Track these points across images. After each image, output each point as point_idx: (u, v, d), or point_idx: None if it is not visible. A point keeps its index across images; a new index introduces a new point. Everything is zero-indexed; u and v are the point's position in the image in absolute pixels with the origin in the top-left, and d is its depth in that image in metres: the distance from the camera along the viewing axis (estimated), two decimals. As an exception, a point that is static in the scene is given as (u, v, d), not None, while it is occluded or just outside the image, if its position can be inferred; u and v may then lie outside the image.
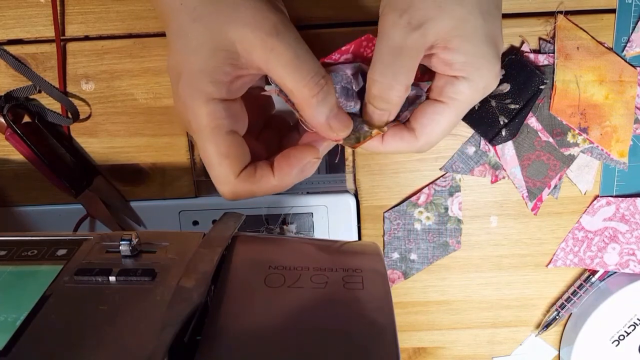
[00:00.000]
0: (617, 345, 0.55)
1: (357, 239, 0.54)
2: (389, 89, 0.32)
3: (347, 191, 0.53)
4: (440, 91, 0.34)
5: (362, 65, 0.35)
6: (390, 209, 0.53)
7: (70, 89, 0.48)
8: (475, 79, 0.33)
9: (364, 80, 0.35)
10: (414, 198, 0.53)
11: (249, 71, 0.31)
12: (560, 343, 0.59)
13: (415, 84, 0.35)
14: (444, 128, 0.35)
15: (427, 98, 0.35)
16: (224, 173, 0.32)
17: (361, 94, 0.35)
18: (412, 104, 0.36)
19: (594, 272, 0.55)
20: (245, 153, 0.33)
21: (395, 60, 0.32)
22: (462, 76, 0.32)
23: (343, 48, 0.35)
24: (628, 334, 0.55)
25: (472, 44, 0.32)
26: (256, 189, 0.33)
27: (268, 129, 0.39)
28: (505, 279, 0.56)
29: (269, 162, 0.34)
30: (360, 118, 0.36)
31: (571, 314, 0.57)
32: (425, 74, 0.37)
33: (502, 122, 0.49)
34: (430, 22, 0.31)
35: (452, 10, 0.31)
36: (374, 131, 0.35)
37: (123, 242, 0.29)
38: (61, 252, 0.30)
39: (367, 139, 0.35)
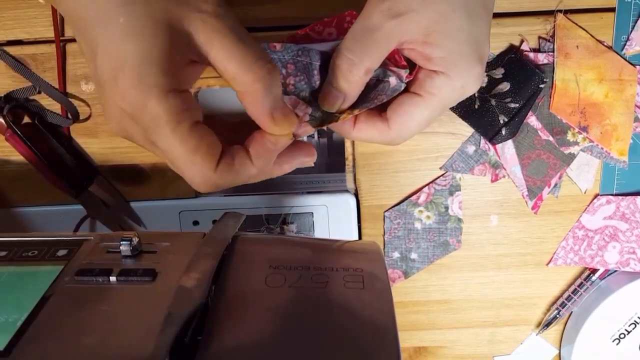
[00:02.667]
0: (617, 344, 0.55)
1: (357, 238, 0.54)
2: (350, 66, 0.31)
3: (347, 191, 0.53)
4: (419, 85, 0.33)
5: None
6: (391, 208, 0.53)
7: (70, 89, 0.48)
8: (452, 76, 0.32)
9: None
10: (414, 197, 0.53)
11: (194, 57, 0.28)
12: (561, 342, 0.59)
13: (396, 73, 0.34)
14: (418, 122, 0.34)
15: (407, 91, 0.34)
16: (200, 171, 0.28)
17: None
18: (392, 92, 0.34)
19: (594, 271, 0.55)
20: (215, 142, 0.29)
21: (366, 40, 0.31)
22: (440, 71, 0.32)
23: (326, 20, 0.34)
24: (629, 332, 0.55)
25: (453, 41, 0.31)
26: (236, 180, 0.30)
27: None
28: (506, 278, 0.56)
29: (244, 148, 0.31)
30: None
31: (572, 312, 0.57)
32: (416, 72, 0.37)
33: (502, 121, 0.49)
34: (411, 14, 0.30)
35: (436, 5, 0.30)
36: (342, 115, 0.34)
37: (123, 243, 0.29)
38: (62, 252, 0.30)
39: (332, 122, 0.34)
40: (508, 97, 0.48)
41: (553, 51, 0.47)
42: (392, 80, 0.34)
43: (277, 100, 0.30)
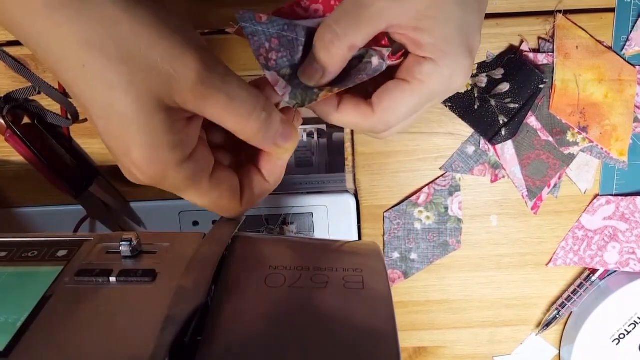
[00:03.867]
0: (617, 344, 0.55)
1: (357, 238, 0.54)
2: (334, 38, 0.31)
3: (347, 191, 0.53)
4: (407, 71, 0.33)
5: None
6: (390, 208, 0.53)
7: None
8: (441, 64, 0.31)
9: None
10: (414, 198, 0.53)
11: (190, 115, 0.29)
12: (560, 342, 0.59)
13: (378, 52, 0.33)
14: (403, 108, 0.33)
15: (394, 77, 0.33)
16: (229, 210, 0.32)
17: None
18: (373, 72, 0.33)
19: (594, 271, 0.55)
20: (235, 181, 0.32)
21: (355, 16, 0.30)
22: (429, 57, 0.31)
23: None
24: (628, 332, 0.55)
25: (444, 28, 0.31)
26: (259, 199, 0.34)
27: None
28: (506, 278, 0.56)
29: (257, 169, 0.33)
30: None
31: (571, 312, 0.57)
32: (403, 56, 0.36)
33: (501, 122, 0.49)
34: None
35: None
36: (322, 93, 0.32)
37: (123, 243, 0.29)
38: (61, 253, 0.30)
39: (312, 100, 0.33)
40: (508, 98, 0.48)
41: (553, 51, 0.48)
42: (375, 60, 0.33)
43: (277, 131, 0.31)
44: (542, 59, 0.48)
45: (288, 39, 0.32)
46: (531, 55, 0.48)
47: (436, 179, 0.52)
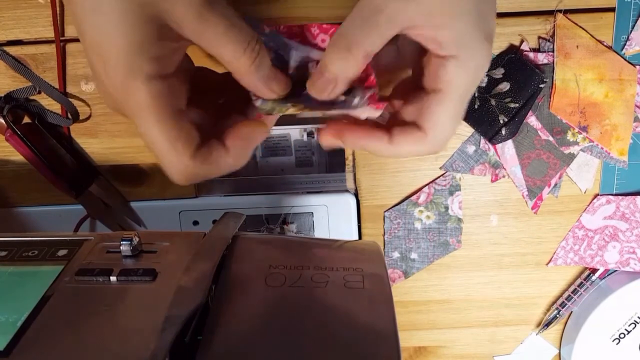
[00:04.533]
0: (617, 344, 0.55)
1: (357, 238, 0.54)
2: (348, 48, 0.30)
3: (347, 190, 0.53)
4: (433, 77, 0.32)
5: (307, 51, 0.34)
6: (391, 208, 0.53)
7: (70, 89, 0.48)
8: (464, 58, 0.31)
9: (303, 63, 0.33)
10: (414, 197, 0.53)
11: (181, 43, 0.29)
12: (561, 341, 0.59)
13: (362, 92, 0.33)
14: (449, 118, 0.33)
15: (427, 90, 0.33)
16: (177, 158, 0.29)
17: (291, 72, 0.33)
18: (347, 108, 0.33)
19: (594, 271, 0.55)
20: (194, 132, 0.30)
21: (367, 22, 0.30)
22: (450, 55, 0.31)
23: (324, 26, 0.33)
24: (629, 332, 0.55)
25: (460, 22, 0.30)
26: (213, 170, 0.31)
27: (195, 88, 0.36)
28: (506, 277, 0.56)
29: (220, 140, 0.32)
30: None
31: (572, 312, 0.57)
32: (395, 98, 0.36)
33: (502, 121, 0.49)
34: None
35: None
36: (292, 109, 0.33)
37: (124, 242, 0.29)
38: (62, 252, 0.30)
39: (281, 113, 0.33)
40: (508, 97, 0.48)
41: (553, 51, 0.47)
42: (356, 100, 0.33)
43: (270, 71, 0.31)
44: (542, 58, 0.48)
45: (280, 59, 0.33)
46: (531, 55, 0.48)
47: (436, 178, 0.52)
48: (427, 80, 0.33)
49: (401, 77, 0.37)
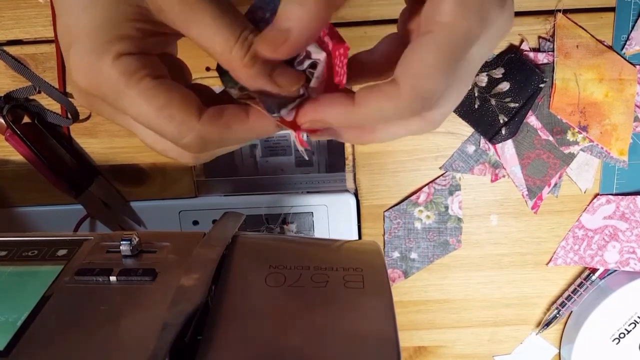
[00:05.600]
0: (617, 344, 0.55)
1: (357, 238, 0.54)
2: None
3: (347, 190, 0.53)
4: (426, 19, 0.24)
5: None
6: (391, 208, 0.53)
7: (70, 89, 0.48)
8: None
9: None
10: (414, 197, 0.53)
11: (163, 29, 0.25)
12: (560, 341, 0.59)
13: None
14: (436, 67, 0.23)
15: (408, 42, 0.25)
16: (180, 123, 0.25)
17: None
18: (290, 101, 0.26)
19: (594, 271, 0.55)
20: (190, 94, 0.25)
21: None
22: None
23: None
24: (628, 332, 0.55)
25: None
26: (228, 135, 0.26)
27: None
28: (506, 277, 0.56)
29: (239, 106, 0.27)
30: None
31: (572, 312, 0.57)
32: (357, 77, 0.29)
33: (501, 121, 0.49)
34: None
35: None
36: (239, 93, 0.27)
37: (123, 242, 0.29)
38: (61, 252, 0.30)
39: (229, 88, 0.27)
40: (508, 97, 0.48)
41: (553, 51, 0.47)
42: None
43: (272, 64, 0.25)
44: (542, 58, 0.48)
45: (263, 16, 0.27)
46: (531, 55, 0.48)
47: (436, 178, 0.52)
48: (416, 27, 0.26)
49: (369, 80, 0.29)
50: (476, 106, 0.49)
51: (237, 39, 0.24)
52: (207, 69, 0.30)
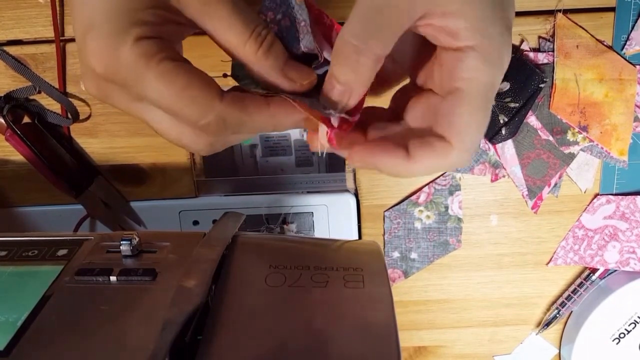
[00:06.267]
0: (617, 344, 0.55)
1: (357, 238, 0.54)
2: (357, 54, 0.26)
3: (347, 190, 0.53)
4: (450, 75, 0.27)
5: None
6: (391, 208, 0.53)
7: (70, 89, 0.48)
8: (485, 48, 0.26)
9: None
10: (414, 197, 0.53)
11: (179, 19, 0.26)
12: (560, 341, 0.59)
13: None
14: (475, 121, 0.27)
15: (432, 92, 0.29)
16: (202, 103, 0.25)
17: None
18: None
19: (594, 271, 0.55)
20: (210, 79, 0.26)
21: (374, 21, 0.26)
22: (468, 46, 0.26)
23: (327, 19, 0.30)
24: (629, 332, 0.55)
25: (476, 6, 0.26)
26: (248, 120, 0.27)
27: None
28: (506, 277, 0.56)
29: (260, 95, 0.28)
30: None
31: (572, 312, 0.57)
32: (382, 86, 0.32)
33: (501, 121, 0.49)
34: None
35: None
36: (261, 90, 0.29)
37: (124, 242, 0.29)
38: (62, 252, 0.30)
39: (252, 89, 0.29)
40: (508, 97, 0.48)
41: (553, 51, 0.47)
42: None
43: (285, 57, 0.28)
44: (542, 58, 0.48)
45: (294, 34, 0.29)
46: (531, 55, 0.48)
47: (436, 178, 0.52)
48: (440, 82, 0.29)
49: (394, 86, 0.33)
50: (476, 106, 0.49)
51: (251, 33, 0.26)
52: (225, 75, 0.31)
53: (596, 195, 0.52)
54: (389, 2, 0.26)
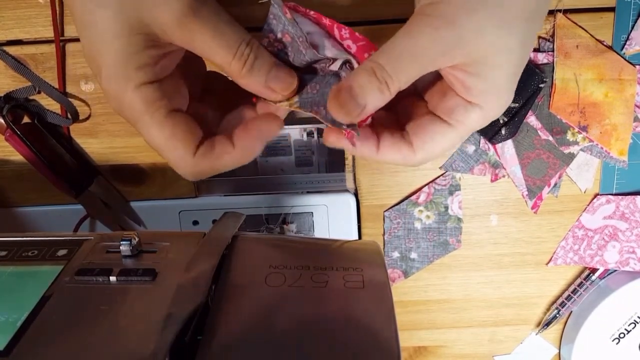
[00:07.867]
0: (617, 344, 0.55)
1: (357, 238, 0.54)
2: (387, 82, 0.28)
3: (347, 190, 0.53)
4: (449, 112, 0.31)
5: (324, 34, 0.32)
6: (391, 207, 0.53)
7: (69, 89, 0.48)
8: (489, 108, 0.30)
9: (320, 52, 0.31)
10: (414, 197, 0.53)
11: (172, 48, 0.30)
12: (560, 341, 0.59)
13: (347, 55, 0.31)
14: (444, 147, 0.32)
15: (434, 116, 0.32)
16: (179, 155, 0.30)
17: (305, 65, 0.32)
18: (334, 81, 0.31)
19: (594, 270, 0.55)
20: (195, 129, 0.31)
21: (408, 60, 0.28)
22: (476, 103, 0.30)
23: (358, 35, 0.32)
24: (628, 332, 0.55)
25: (497, 74, 0.29)
26: (218, 165, 0.31)
27: (207, 90, 0.36)
28: (506, 277, 0.56)
29: (227, 136, 0.32)
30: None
31: (571, 312, 0.57)
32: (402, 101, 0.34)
33: (501, 121, 0.49)
34: (462, 42, 0.27)
35: (491, 35, 0.27)
36: (285, 102, 0.32)
37: (123, 242, 0.29)
38: (62, 252, 0.30)
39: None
40: (508, 97, 0.48)
41: (553, 51, 0.48)
42: (343, 74, 0.31)
43: (269, 71, 0.30)
44: (542, 58, 0.48)
45: (297, 47, 0.32)
46: (531, 55, 0.48)
47: (436, 178, 0.52)
48: (436, 106, 0.32)
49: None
50: (476, 106, 0.49)
51: (235, 54, 0.29)
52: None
53: (596, 195, 0.52)
54: (427, 45, 0.28)
